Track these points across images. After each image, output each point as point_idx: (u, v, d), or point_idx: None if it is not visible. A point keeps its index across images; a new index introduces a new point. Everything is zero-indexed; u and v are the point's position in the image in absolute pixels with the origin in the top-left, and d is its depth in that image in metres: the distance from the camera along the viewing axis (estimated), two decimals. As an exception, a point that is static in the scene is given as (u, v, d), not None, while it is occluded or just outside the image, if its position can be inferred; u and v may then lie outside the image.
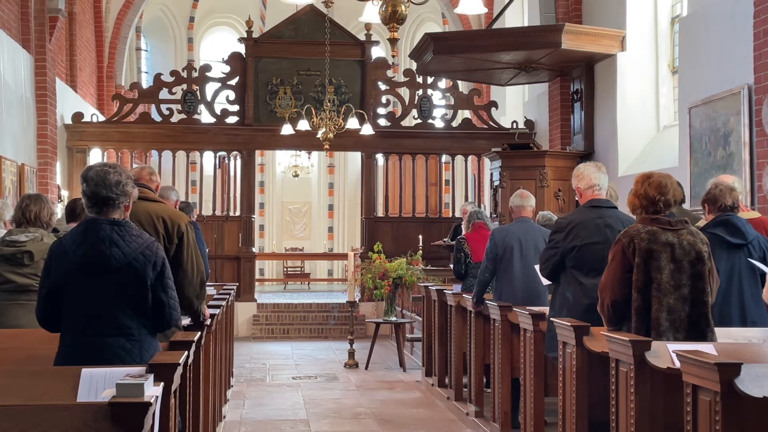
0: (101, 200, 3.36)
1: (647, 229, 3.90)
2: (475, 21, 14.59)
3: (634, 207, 4.03)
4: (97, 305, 3.29)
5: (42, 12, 10.82)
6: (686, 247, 3.88)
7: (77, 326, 3.31)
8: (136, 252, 3.33)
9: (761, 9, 6.90)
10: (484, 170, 13.50)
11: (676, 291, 3.84)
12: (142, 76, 18.43)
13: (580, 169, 4.92)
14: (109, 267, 3.28)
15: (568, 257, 4.74)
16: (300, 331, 12.73)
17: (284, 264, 20.00)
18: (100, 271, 3.29)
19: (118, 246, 3.31)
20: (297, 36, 13.24)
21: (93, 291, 3.29)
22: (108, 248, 3.30)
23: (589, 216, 4.77)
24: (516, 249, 6.25)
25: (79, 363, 3.14)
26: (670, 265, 3.85)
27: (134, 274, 3.31)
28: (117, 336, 3.29)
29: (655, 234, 3.88)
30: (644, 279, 3.86)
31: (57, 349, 3.37)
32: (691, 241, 3.90)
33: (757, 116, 7.07)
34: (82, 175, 3.44)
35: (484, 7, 6.95)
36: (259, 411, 7.28)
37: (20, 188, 10.03)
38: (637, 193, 4.01)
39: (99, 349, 3.25)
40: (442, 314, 7.95)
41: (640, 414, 3.62)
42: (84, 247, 3.31)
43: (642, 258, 3.86)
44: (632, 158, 10.24)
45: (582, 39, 10.12)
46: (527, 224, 6.39)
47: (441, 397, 7.69)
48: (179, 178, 14.83)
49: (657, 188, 3.95)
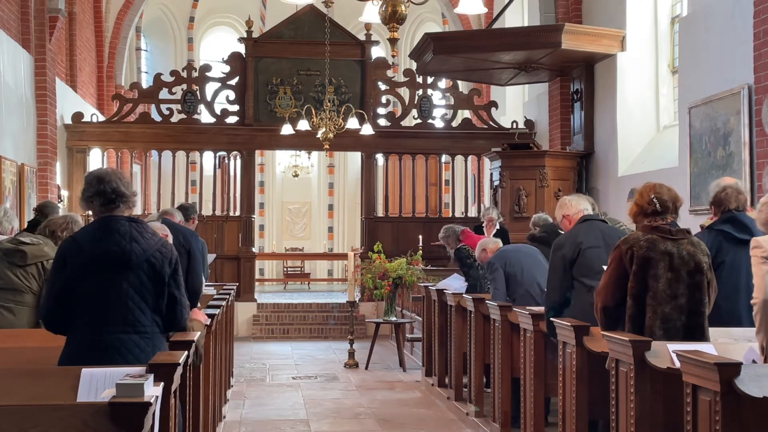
0: (120, 196, 3.37)
1: (647, 237, 3.90)
2: (475, 21, 14.59)
3: (635, 214, 4.06)
4: (114, 301, 3.27)
5: (42, 12, 10.82)
6: (685, 257, 3.88)
7: (92, 323, 3.27)
8: (153, 249, 3.36)
9: (761, 9, 6.90)
10: (484, 170, 13.50)
11: (672, 300, 3.83)
12: (142, 76, 18.42)
13: (565, 200, 5.11)
14: (129, 262, 3.28)
15: (573, 267, 4.75)
16: (300, 331, 12.73)
17: (284, 264, 20.00)
18: (120, 267, 3.27)
19: (137, 242, 3.33)
20: (297, 36, 13.24)
21: (110, 287, 3.27)
22: (128, 243, 3.30)
23: (584, 228, 4.88)
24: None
25: (92, 360, 3.12)
26: (668, 274, 3.85)
27: (153, 270, 3.33)
28: (132, 333, 3.29)
29: (654, 242, 3.88)
30: (640, 286, 3.86)
31: (63, 348, 3.33)
32: (690, 251, 3.90)
33: (757, 116, 7.07)
34: (94, 175, 3.43)
35: (484, 7, 6.95)
36: (259, 411, 7.28)
37: (20, 188, 10.04)
38: (636, 201, 4.08)
39: (114, 346, 3.24)
40: (442, 314, 7.95)
41: (640, 414, 3.62)
42: (104, 243, 3.28)
43: (639, 265, 3.86)
44: (632, 158, 10.25)
45: (582, 39, 10.13)
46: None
47: (441, 397, 7.69)
48: (179, 178, 14.81)
49: (652, 189, 4.01)
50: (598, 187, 10.98)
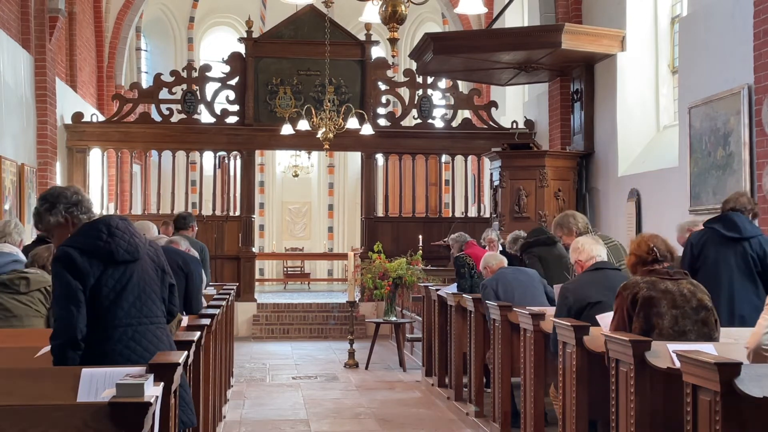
0: (91, 205, 3.44)
1: (645, 279, 3.96)
2: (475, 21, 14.59)
3: (632, 264, 4.14)
4: (138, 293, 3.29)
5: (42, 12, 10.82)
6: (687, 295, 3.90)
7: (124, 318, 3.22)
8: (145, 242, 3.42)
9: (761, 9, 6.90)
10: (484, 170, 13.50)
11: (680, 337, 3.83)
12: (142, 76, 18.42)
13: (579, 242, 4.99)
14: (137, 254, 3.31)
15: (580, 318, 4.57)
16: (300, 331, 12.73)
17: (284, 264, 20.00)
18: (130, 260, 3.29)
19: (136, 236, 3.37)
20: (297, 36, 13.24)
21: (129, 280, 3.27)
22: (131, 237, 3.33)
23: (593, 278, 4.76)
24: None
25: (135, 356, 3.16)
26: (672, 311, 3.86)
27: (154, 261, 3.41)
28: (157, 324, 3.34)
29: (654, 283, 3.93)
30: (645, 326, 3.86)
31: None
32: (691, 290, 3.93)
33: (757, 116, 7.07)
34: (59, 190, 3.40)
35: (484, 7, 6.95)
36: (259, 411, 7.29)
37: (20, 188, 10.04)
38: (631, 251, 4.16)
39: (149, 338, 3.26)
40: (442, 314, 7.95)
41: (640, 414, 3.62)
42: (114, 240, 3.26)
43: (642, 305, 3.88)
44: (632, 158, 10.24)
45: (582, 39, 10.12)
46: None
47: (441, 397, 7.69)
48: (179, 178, 14.82)
49: (649, 239, 4.11)
50: (598, 187, 10.98)
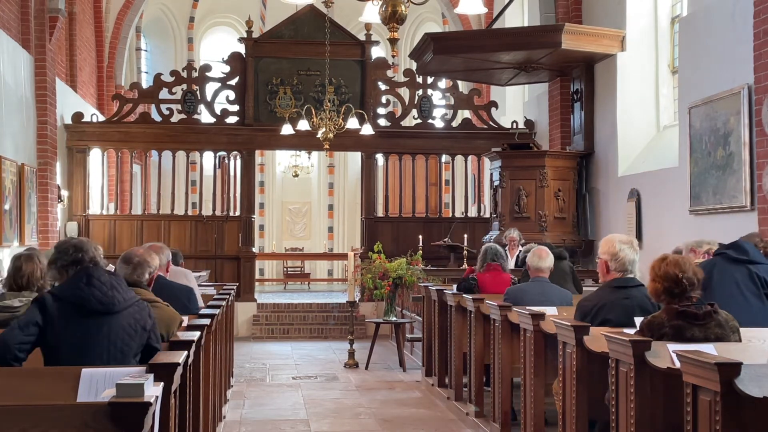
0: (96, 265, 3.45)
1: (672, 324, 3.68)
2: (475, 21, 14.59)
3: (657, 293, 3.78)
4: (107, 345, 3.28)
5: (42, 12, 10.82)
6: (713, 341, 3.63)
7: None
8: (131, 300, 3.40)
9: (761, 9, 6.90)
10: (484, 170, 13.51)
11: None
12: (142, 76, 18.43)
13: (615, 248, 4.49)
14: (112, 307, 3.30)
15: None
16: (300, 331, 12.73)
17: (284, 264, 20.00)
18: (102, 311, 3.29)
19: (119, 291, 3.36)
20: (297, 36, 13.25)
21: (90, 333, 3.27)
22: (110, 290, 3.33)
23: (615, 296, 4.46)
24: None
25: None
26: None
27: (135, 319, 3.37)
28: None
29: (681, 330, 3.66)
30: None
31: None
32: (719, 334, 3.68)
33: (757, 116, 7.07)
34: (71, 243, 3.48)
35: (484, 7, 6.94)
36: (259, 411, 7.28)
37: (20, 188, 10.04)
38: (655, 277, 3.77)
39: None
40: (442, 314, 7.95)
41: (640, 414, 3.62)
42: (90, 289, 3.29)
43: None
44: (632, 158, 10.25)
45: (582, 39, 10.13)
46: (544, 284, 6.11)
47: (441, 397, 7.69)
48: (179, 178, 14.81)
49: (676, 266, 3.74)
50: (598, 187, 10.98)
